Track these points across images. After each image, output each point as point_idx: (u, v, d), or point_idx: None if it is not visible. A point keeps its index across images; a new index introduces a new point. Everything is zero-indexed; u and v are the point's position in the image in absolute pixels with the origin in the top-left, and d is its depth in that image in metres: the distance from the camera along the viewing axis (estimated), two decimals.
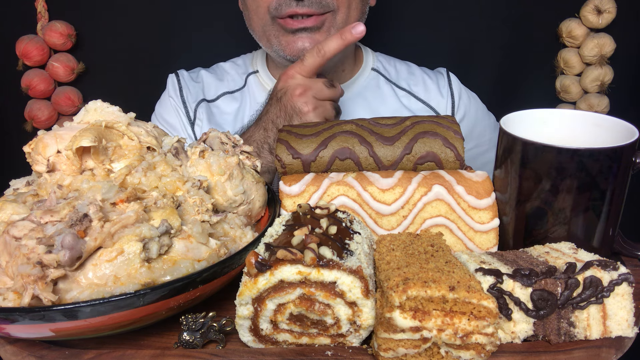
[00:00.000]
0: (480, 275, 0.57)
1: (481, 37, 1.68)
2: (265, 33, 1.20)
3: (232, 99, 1.35)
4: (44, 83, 1.69)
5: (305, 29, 1.14)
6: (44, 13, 1.67)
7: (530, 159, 0.70)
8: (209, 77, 1.39)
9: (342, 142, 0.80)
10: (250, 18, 1.23)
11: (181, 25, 1.69)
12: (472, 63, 1.70)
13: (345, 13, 1.15)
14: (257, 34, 1.24)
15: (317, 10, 1.12)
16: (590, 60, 1.63)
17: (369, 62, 1.37)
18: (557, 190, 0.68)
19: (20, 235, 0.58)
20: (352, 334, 0.58)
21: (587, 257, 0.60)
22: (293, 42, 1.15)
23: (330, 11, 1.14)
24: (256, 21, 1.20)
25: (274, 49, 1.20)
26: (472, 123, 1.37)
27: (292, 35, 1.15)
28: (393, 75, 1.37)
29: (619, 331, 0.57)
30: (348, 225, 0.66)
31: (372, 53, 1.40)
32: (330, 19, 1.15)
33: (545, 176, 0.69)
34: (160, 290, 0.56)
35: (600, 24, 1.60)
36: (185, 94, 1.36)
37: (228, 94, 1.36)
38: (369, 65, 1.36)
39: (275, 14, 1.14)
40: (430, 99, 1.35)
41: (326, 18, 1.14)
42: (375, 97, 1.33)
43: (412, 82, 1.36)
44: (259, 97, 1.33)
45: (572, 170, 0.67)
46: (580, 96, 1.68)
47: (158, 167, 0.71)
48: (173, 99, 1.36)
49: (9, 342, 0.61)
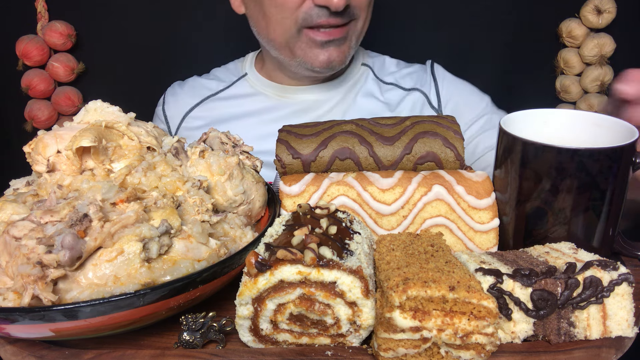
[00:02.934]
0: (480, 275, 0.57)
1: (481, 37, 1.68)
2: (288, 45, 1.16)
3: (216, 100, 1.36)
4: (44, 83, 1.69)
5: (333, 40, 1.13)
6: (44, 13, 1.67)
7: (530, 159, 0.70)
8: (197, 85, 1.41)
9: (342, 142, 0.80)
10: (270, 28, 1.16)
11: (181, 25, 1.69)
12: (472, 63, 1.70)
13: (364, 19, 1.17)
14: (276, 44, 1.19)
15: (346, 19, 1.11)
16: (590, 60, 1.63)
17: (359, 57, 1.38)
18: (557, 190, 0.68)
19: (20, 235, 0.58)
20: (352, 334, 0.58)
21: (587, 257, 0.60)
22: (321, 54, 1.15)
23: (354, 19, 1.14)
24: (279, 32, 1.15)
25: (297, 60, 1.18)
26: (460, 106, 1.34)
27: (320, 48, 1.14)
28: (380, 70, 1.38)
29: (619, 331, 0.57)
30: (348, 225, 0.66)
31: (361, 48, 1.41)
32: (353, 27, 1.15)
33: (545, 176, 0.69)
34: (160, 290, 0.56)
35: (600, 24, 1.60)
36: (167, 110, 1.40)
37: (212, 96, 1.37)
38: (359, 60, 1.38)
39: (303, 24, 1.11)
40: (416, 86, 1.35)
41: (350, 27, 1.15)
42: (362, 91, 1.33)
43: (398, 75, 1.36)
44: (245, 99, 1.34)
45: (572, 170, 0.67)
46: (580, 96, 1.68)
47: (158, 167, 0.71)
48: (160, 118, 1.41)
49: (9, 342, 0.61)
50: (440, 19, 1.67)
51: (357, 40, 1.20)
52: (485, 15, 1.66)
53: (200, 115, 1.36)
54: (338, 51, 1.15)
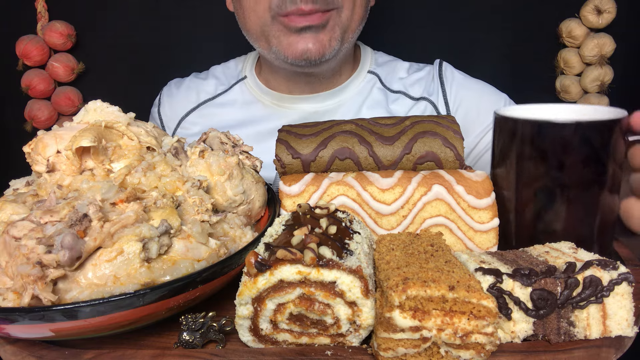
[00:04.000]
0: (480, 275, 0.57)
1: (481, 37, 1.68)
2: (263, 33, 1.10)
3: (213, 106, 1.31)
4: (44, 83, 1.69)
5: (310, 27, 1.05)
6: (44, 13, 1.67)
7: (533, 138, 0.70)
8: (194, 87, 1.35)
9: (342, 142, 0.80)
10: (246, 17, 1.12)
11: (181, 25, 1.69)
12: (472, 63, 1.70)
13: (350, 10, 1.08)
14: (253, 34, 1.14)
15: (322, 6, 1.04)
16: (590, 60, 1.63)
17: (366, 64, 1.29)
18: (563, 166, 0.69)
19: (20, 235, 0.58)
20: (351, 333, 0.58)
21: (587, 256, 0.60)
22: (295, 42, 1.07)
23: (334, 8, 1.06)
24: (254, 20, 1.10)
25: (272, 50, 1.11)
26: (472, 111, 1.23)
27: (296, 36, 1.07)
28: (389, 78, 1.28)
29: (619, 331, 0.57)
30: (348, 225, 0.66)
31: (371, 53, 1.33)
32: (335, 16, 1.07)
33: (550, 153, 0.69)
34: (160, 290, 0.56)
35: (600, 24, 1.60)
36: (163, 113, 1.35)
37: (209, 101, 1.31)
38: (365, 67, 1.29)
39: (277, 11, 1.05)
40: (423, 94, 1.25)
41: (331, 15, 1.06)
42: (367, 102, 1.25)
43: (407, 82, 1.27)
44: (242, 107, 1.28)
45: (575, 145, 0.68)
46: (580, 96, 1.68)
47: (158, 167, 0.71)
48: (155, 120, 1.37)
49: (8, 342, 0.61)
50: (440, 19, 1.67)
51: (342, 33, 1.09)
52: (485, 15, 1.66)
53: (196, 121, 1.30)
54: (315, 39, 1.06)
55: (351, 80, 1.25)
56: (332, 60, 1.14)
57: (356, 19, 1.12)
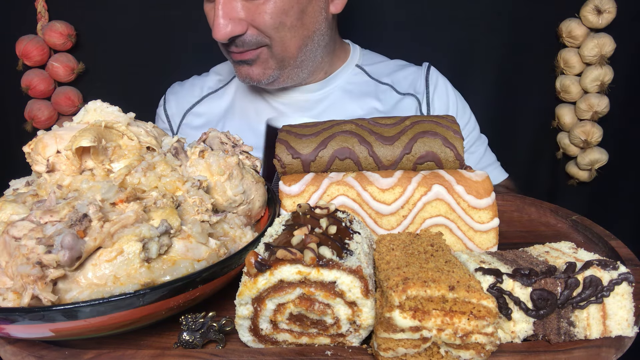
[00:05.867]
0: (480, 275, 0.57)
1: (481, 37, 1.68)
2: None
3: (216, 98, 1.41)
4: (44, 83, 1.69)
5: (244, 61, 1.21)
6: (44, 13, 1.67)
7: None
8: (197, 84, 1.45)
9: (342, 142, 0.80)
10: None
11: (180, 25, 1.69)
12: (472, 63, 1.70)
13: (280, 45, 1.19)
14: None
15: (249, 47, 1.18)
16: (590, 60, 1.62)
17: (354, 59, 1.39)
18: None
19: (20, 235, 0.58)
20: (351, 333, 0.58)
21: (587, 256, 0.60)
22: (238, 70, 1.24)
23: (263, 46, 1.19)
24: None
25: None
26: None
27: (237, 65, 1.24)
28: (376, 71, 1.39)
29: (619, 331, 0.57)
30: (348, 225, 0.66)
31: (360, 50, 1.42)
32: (266, 52, 1.20)
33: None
34: (160, 290, 0.56)
35: (600, 24, 1.60)
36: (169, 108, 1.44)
37: (212, 94, 1.42)
38: (353, 62, 1.39)
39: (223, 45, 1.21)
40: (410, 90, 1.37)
41: (261, 52, 1.19)
42: (356, 93, 1.35)
43: (395, 78, 1.38)
44: (242, 97, 1.38)
45: None
46: (580, 96, 1.68)
47: (158, 167, 0.71)
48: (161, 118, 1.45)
49: (9, 342, 0.61)
50: (440, 19, 1.67)
51: (279, 62, 1.21)
52: (485, 15, 1.66)
53: (201, 112, 1.40)
54: (249, 70, 1.23)
55: (339, 73, 1.37)
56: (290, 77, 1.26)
57: (292, 49, 1.21)
